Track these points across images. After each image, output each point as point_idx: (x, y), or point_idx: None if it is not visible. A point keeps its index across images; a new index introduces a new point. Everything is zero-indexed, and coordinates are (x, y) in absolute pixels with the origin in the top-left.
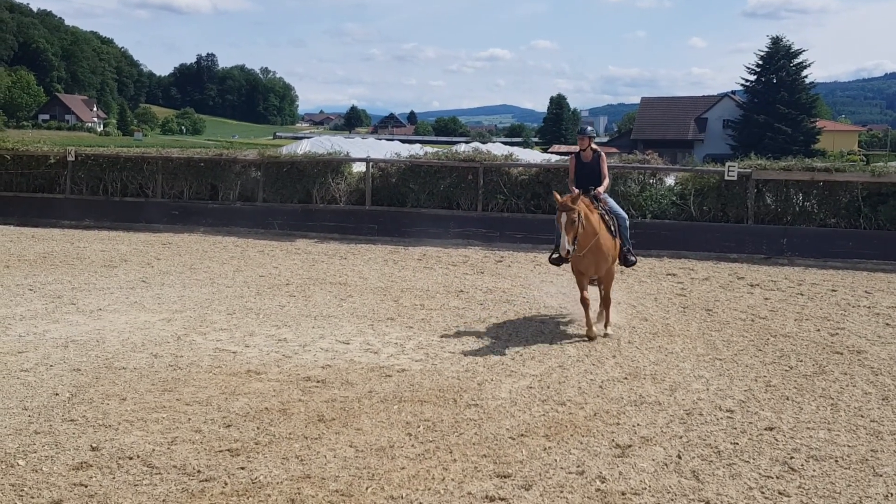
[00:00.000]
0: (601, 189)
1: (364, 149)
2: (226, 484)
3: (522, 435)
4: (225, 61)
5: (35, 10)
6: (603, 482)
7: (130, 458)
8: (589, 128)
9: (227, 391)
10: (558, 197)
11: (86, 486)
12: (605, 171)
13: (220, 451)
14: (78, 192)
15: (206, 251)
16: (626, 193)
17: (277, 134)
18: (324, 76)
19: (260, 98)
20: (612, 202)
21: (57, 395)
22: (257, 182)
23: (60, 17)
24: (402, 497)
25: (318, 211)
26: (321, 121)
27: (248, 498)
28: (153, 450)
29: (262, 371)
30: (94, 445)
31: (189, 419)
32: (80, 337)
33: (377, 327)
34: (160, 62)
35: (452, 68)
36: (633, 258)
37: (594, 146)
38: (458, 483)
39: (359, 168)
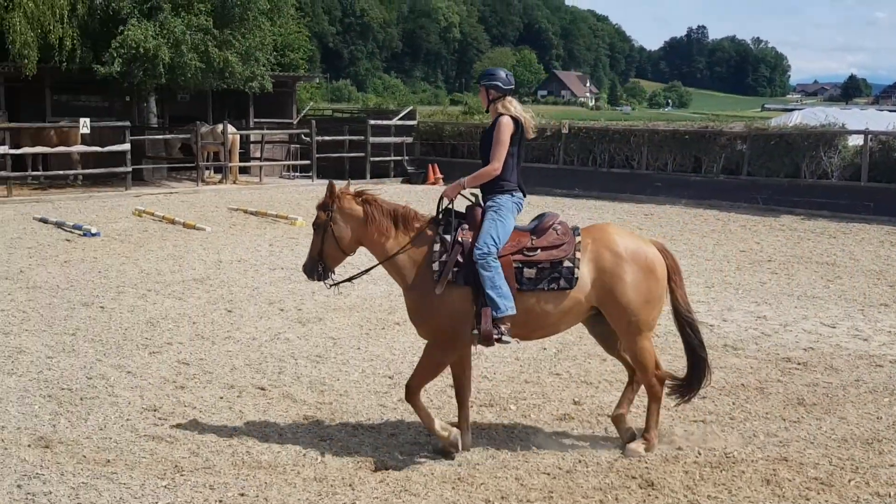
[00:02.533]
0: (459, 185)
1: (862, 121)
2: (699, 454)
3: None
4: (715, 33)
5: None
6: None
7: (608, 416)
8: (501, 72)
9: None
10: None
11: (567, 436)
12: (497, 148)
13: (695, 421)
14: (569, 162)
15: (687, 223)
16: None
17: (766, 106)
18: (820, 43)
19: (749, 69)
20: (493, 218)
21: (545, 349)
22: (742, 155)
23: None
24: (889, 495)
25: (806, 186)
26: (814, 91)
27: (721, 471)
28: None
29: (740, 347)
30: (576, 400)
31: None
32: None
33: (868, 313)
34: (651, 36)
35: None
36: (499, 332)
37: (503, 105)
38: None
39: (855, 141)
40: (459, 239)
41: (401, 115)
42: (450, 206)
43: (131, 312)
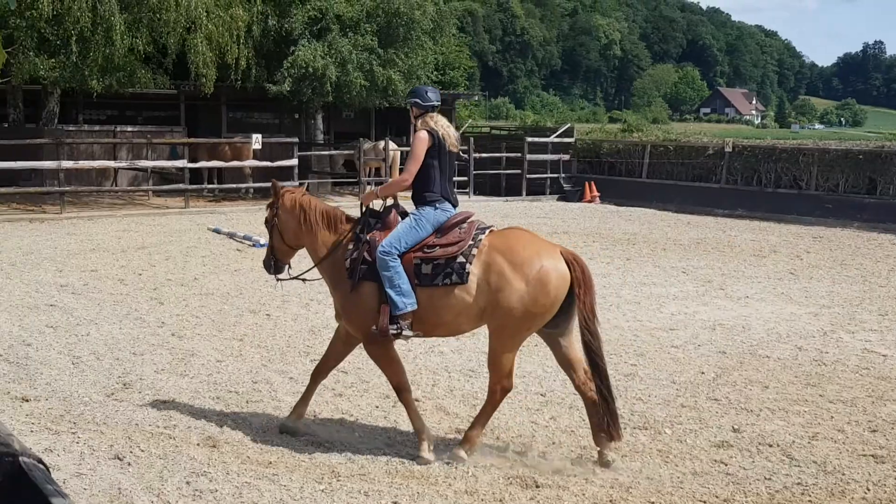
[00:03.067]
0: (373, 194)
1: None
2: (867, 490)
3: None
4: (894, 48)
5: (704, 7)
6: None
7: (770, 446)
8: (422, 90)
9: (874, 395)
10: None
11: (725, 465)
12: (409, 161)
13: (864, 456)
14: (732, 182)
15: (859, 247)
16: None
17: None
18: None
19: None
20: (409, 224)
21: (703, 373)
22: None
23: (727, 14)
24: None
25: None
26: None
27: None
28: (793, 441)
29: None
30: (735, 427)
31: (832, 417)
32: (727, 321)
33: None
34: (823, 52)
35: None
36: (398, 328)
37: (423, 121)
38: None
39: None
40: (368, 238)
41: (558, 133)
42: (365, 211)
43: (294, 321)
